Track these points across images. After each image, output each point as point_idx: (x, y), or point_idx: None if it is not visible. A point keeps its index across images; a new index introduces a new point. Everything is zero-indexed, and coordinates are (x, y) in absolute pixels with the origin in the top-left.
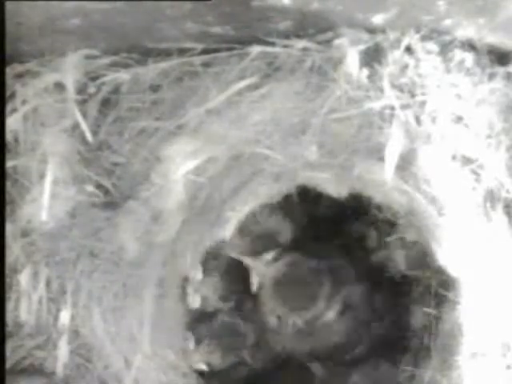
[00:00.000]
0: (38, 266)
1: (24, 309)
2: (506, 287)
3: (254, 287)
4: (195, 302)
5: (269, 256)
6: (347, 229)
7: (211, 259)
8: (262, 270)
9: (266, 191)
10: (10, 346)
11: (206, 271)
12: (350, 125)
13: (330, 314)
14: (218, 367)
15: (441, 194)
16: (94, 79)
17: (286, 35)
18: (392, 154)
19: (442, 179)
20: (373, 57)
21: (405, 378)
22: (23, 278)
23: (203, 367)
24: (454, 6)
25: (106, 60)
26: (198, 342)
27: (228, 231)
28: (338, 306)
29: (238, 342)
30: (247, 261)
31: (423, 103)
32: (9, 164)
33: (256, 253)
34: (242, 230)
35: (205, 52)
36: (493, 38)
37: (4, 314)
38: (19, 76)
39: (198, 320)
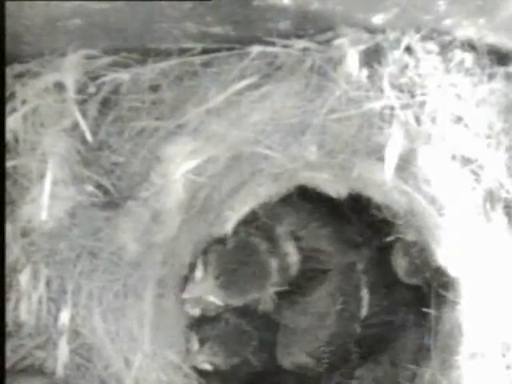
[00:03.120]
0: (38, 265)
1: (24, 309)
2: (505, 287)
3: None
4: (195, 312)
5: (198, 273)
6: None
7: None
8: (203, 289)
9: (266, 191)
10: (9, 345)
11: None
12: (350, 125)
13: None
14: (221, 367)
15: (441, 194)
16: (93, 79)
17: (286, 35)
18: (392, 154)
19: (441, 179)
20: (373, 57)
21: (405, 377)
22: (23, 278)
23: (207, 367)
24: (453, 5)
25: (106, 60)
26: (202, 342)
27: (227, 230)
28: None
29: (242, 344)
30: (184, 295)
31: (423, 103)
32: (9, 164)
33: None
34: None
35: (205, 52)
36: (493, 38)
37: (4, 314)
38: (19, 76)
39: (202, 320)
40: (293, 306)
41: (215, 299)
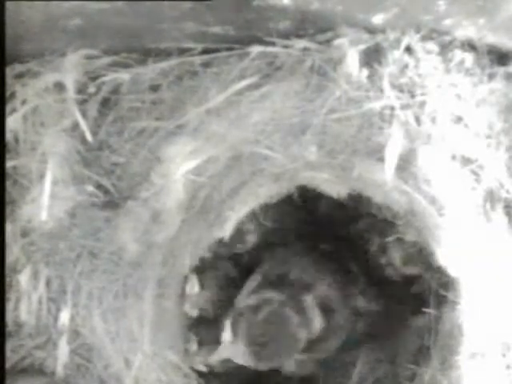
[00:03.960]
0: (38, 265)
1: (24, 309)
2: (506, 287)
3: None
4: (193, 313)
5: (227, 336)
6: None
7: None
8: (232, 353)
9: (266, 191)
10: (9, 345)
11: (203, 284)
12: (350, 125)
13: (315, 329)
14: (217, 370)
15: (441, 194)
16: (93, 79)
17: (286, 35)
18: (392, 154)
19: (441, 179)
20: (373, 57)
21: (405, 377)
22: (23, 278)
23: (203, 369)
24: (453, 5)
25: (106, 60)
26: (201, 343)
27: (227, 231)
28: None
29: None
30: (213, 358)
31: (423, 103)
32: (9, 164)
33: None
34: None
35: (205, 52)
36: (493, 38)
37: (4, 314)
38: (19, 76)
39: (201, 321)
40: None
41: (243, 362)
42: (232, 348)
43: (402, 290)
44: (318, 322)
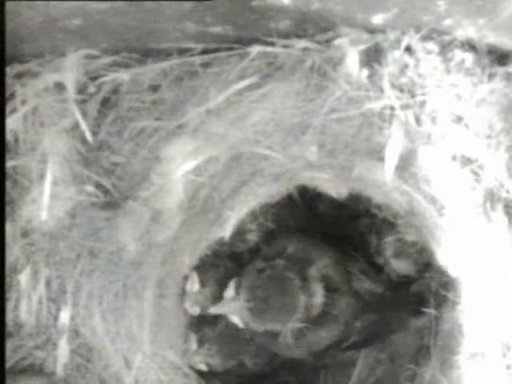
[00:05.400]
0: (38, 265)
1: (24, 309)
2: (506, 287)
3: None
4: (194, 311)
5: (229, 293)
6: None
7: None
8: (232, 308)
9: (266, 191)
10: (10, 345)
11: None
12: (350, 125)
13: (315, 300)
14: (217, 369)
15: (441, 193)
16: (93, 79)
17: (286, 35)
18: (392, 154)
19: (442, 179)
20: (373, 57)
21: (405, 377)
22: (23, 278)
23: (203, 368)
24: (454, 5)
25: (106, 60)
26: (201, 343)
27: (227, 231)
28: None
29: (240, 347)
30: (212, 310)
31: (423, 103)
32: (9, 164)
33: None
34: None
35: (205, 52)
36: (493, 38)
37: (4, 314)
38: (19, 76)
39: (202, 321)
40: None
41: (238, 321)
42: (232, 303)
43: (402, 289)
44: (319, 296)
